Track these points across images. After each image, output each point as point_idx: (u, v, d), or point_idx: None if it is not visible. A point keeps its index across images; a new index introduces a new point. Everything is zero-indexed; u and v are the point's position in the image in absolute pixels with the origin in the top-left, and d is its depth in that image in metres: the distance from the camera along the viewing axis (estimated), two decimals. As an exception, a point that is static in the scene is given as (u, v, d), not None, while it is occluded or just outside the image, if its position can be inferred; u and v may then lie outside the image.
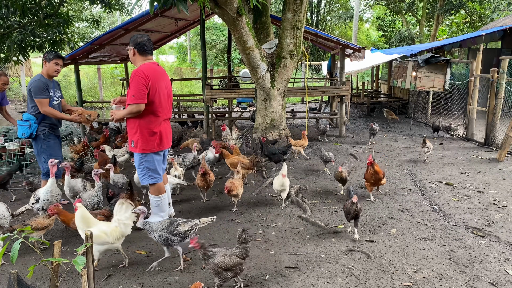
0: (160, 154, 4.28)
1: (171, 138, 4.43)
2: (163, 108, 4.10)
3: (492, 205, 5.15)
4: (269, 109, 8.16)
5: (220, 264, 3.09)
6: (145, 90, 3.84)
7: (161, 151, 4.25)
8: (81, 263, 2.30)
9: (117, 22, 30.98)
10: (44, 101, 4.74)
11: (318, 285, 3.35)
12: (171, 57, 35.92)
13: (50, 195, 4.35)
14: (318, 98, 15.72)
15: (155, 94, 3.94)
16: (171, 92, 4.33)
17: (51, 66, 4.85)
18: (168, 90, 4.23)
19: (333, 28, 33.54)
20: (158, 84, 3.98)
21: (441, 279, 3.41)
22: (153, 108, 3.97)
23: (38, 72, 4.98)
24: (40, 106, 4.75)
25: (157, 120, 4.05)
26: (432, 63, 9.87)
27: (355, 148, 8.66)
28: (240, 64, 27.38)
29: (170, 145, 4.47)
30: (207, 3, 5.33)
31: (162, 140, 4.15)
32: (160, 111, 4.05)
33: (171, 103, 4.33)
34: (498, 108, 8.19)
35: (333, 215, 4.91)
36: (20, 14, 7.69)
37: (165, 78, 4.20)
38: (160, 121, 4.09)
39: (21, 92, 20.47)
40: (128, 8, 20.74)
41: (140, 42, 4.01)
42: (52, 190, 4.36)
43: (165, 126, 4.22)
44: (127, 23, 9.55)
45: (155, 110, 3.99)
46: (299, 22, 7.71)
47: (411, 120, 12.21)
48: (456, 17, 26.77)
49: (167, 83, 4.24)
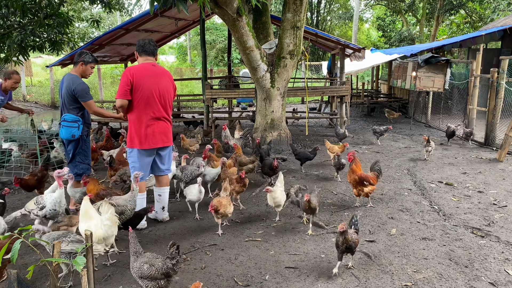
0: (147, 153, 4.28)
1: (163, 138, 4.34)
2: (151, 106, 4.16)
3: (492, 205, 5.15)
4: (269, 109, 8.16)
5: (135, 270, 2.96)
6: (126, 87, 4.07)
7: (146, 149, 4.24)
8: (81, 263, 2.30)
9: (117, 22, 30.99)
10: (92, 102, 4.76)
11: (318, 285, 3.35)
12: (171, 57, 35.95)
13: (58, 206, 4.13)
14: (318, 98, 15.72)
15: (137, 91, 4.09)
16: (166, 91, 4.29)
17: (87, 69, 4.83)
18: (162, 89, 4.21)
19: (333, 28, 33.54)
20: (144, 83, 4.08)
21: (441, 279, 3.41)
22: (138, 105, 4.13)
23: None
24: (90, 108, 4.74)
25: (142, 118, 4.14)
26: (432, 63, 9.87)
27: (355, 148, 8.66)
28: (240, 64, 27.38)
29: (161, 145, 4.37)
30: (207, 3, 5.33)
31: (147, 138, 4.18)
32: (147, 109, 4.14)
33: (166, 102, 4.30)
34: (498, 108, 8.19)
35: (333, 215, 4.90)
36: (20, 14, 7.69)
37: (159, 78, 4.21)
38: (147, 119, 4.15)
39: (21, 92, 20.46)
40: (128, 8, 20.72)
41: (140, 44, 4.25)
42: (61, 201, 4.15)
43: (155, 124, 4.22)
44: (127, 23, 9.55)
45: (141, 107, 4.13)
46: (299, 22, 7.72)
47: (411, 120, 12.21)
48: (456, 17, 26.77)
49: (163, 83, 4.23)
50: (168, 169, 4.65)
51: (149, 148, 4.29)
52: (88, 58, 4.82)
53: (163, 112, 4.28)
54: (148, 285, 2.92)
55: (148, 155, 4.35)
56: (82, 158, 4.93)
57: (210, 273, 3.57)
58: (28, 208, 4.19)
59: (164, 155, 4.52)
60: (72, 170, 4.94)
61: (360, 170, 5.08)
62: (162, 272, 2.90)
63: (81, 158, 4.93)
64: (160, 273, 2.90)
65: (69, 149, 4.92)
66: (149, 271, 2.89)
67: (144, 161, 4.34)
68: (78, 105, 4.73)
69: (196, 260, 3.81)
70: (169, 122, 4.45)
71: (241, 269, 3.62)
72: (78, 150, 4.90)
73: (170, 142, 4.51)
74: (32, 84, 22.55)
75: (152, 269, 2.90)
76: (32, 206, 4.18)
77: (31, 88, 21.74)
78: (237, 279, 3.43)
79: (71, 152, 4.92)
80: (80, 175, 4.96)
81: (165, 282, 2.95)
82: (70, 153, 4.94)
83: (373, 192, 5.23)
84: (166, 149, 4.54)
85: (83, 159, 4.94)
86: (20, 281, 2.60)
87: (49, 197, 4.18)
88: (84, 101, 4.69)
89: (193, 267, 3.68)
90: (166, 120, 4.37)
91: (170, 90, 4.35)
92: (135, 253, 3.02)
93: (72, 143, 4.87)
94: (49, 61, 22.91)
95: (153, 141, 4.27)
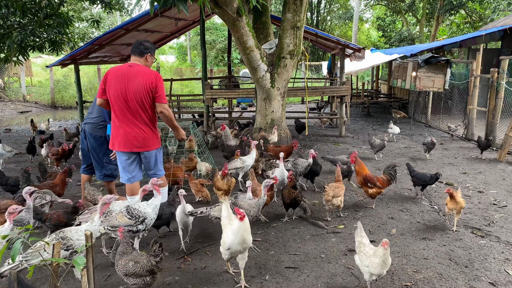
0: (122, 154, 4.10)
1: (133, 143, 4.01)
2: (119, 108, 3.95)
3: (492, 205, 5.15)
4: (269, 109, 8.16)
5: (120, 268, 2.96)
6: (101, 86, 4.05)
7: (119, 151, 4.10)
8: (81, 263, 2.30)
9: (117, 22, 30.99)
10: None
11: (318, 285, 3.35)
12: (171, 57, 35.95)
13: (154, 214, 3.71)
14: (318, 98, 15.73)
15: (108, 92, 4.01)
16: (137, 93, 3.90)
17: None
18: (130, 91, 3.89)
19: (333, 28, 33.55)
20: (112, 84, 3.95)
21: (441, 279, 3.41)
22: (112, 107, 4.04)
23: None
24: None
25: (114, 119, 4.05)
26: (432, 63, 9.87)
27: (355, 148, 8.66)
28: (240, 64, 27.39)
29: (130, 150, 4.05)
30: (207, 3, 5.33)
31: (117, 140, 4.04)
32: (116, 111, 3.99)
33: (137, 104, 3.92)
34: (498, 108, 8.19)
35: (333, 215, 4.90)
36: (20, 14, 7.70)
37: (130, 79, 3.92)
38: (116, 121, 4.02)
39: (21, 92, 20.47)
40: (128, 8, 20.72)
41: (132, 45, 4.19)
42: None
43: (124, 127, 3.98)
44: (127, 23, 9.55)
45: (113, 109, 4.03)
46: (299, 22, 7.71)
47: (411, 120, 12.21)
48: (456, 17, 26.77)
49: (133, 84, 3.90)
50: (155, 173, 4.27)
51: (120, 151, 4.07)
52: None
53: (132, 115, 3.96)
54: (134, 282, 2.94)
55: (126, 157, 4.10)
56: (109, 159, 4.83)
57: (210, 273, 3.57)
58: (115, 224, 3.52)
59: (146, 161, 4.19)
60: (100, 172, 4.93)
61: (365, 170, 5.05)
62: (147, 269, 2.94)
63: (108, 159, 4.86)
64: (145, 270, 2.93)
65: (97, 149, 4.85)
66: (134, 268, 2.91)
67: (124, 162, 4.13)
68: None
69: (196, 260, 3.81)
70: (144, 126, 4.01)
71: (241, 269, 3.63)
72: (107, 151, 4.81)
73: (145, 147, 4.08)
74: (32, 84, 22.56)
75: (137, 266, 2.92)
76: (125, 221, 3.51)
77: (31, 88, 21.75)
78: (237, 279, 3.43)
79: (99, 152, 4.85)
80: (108, 175, 4.95)
81: (150, 279, 2.98)
82: (97, 152, 4.87)
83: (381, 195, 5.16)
84: (147, 155, 4.14)
85: (110, 159, 4.83)
86: (20, 281, 2.60)
87: (147, 207, 3.61)
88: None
89: (193, 267, 3.68)
90: (138, 124, 3.99)
91: (142, 92, 3.90)
92: (122, 252, 3.03)
93: (98, 144, 4.82)
94: (49, 61, 22.91)
95: (123, 145, 4.02)
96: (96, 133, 4.82)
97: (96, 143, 4.85)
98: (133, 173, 4.19)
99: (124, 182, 4.24)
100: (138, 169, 4.25)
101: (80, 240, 3.08)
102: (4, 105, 18.79)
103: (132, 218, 3.52)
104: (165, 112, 4.07)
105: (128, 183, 4.21)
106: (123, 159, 4.13)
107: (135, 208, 3.57)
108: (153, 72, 4.05)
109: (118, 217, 3.54)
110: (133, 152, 4.10)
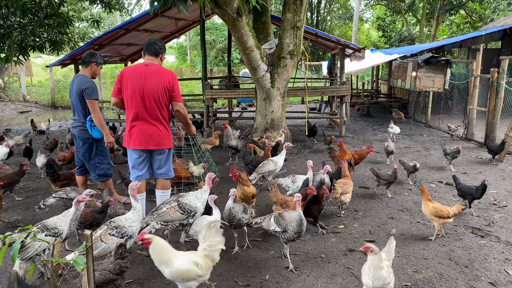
0: (134, 152, 4.17)
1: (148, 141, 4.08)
2: (135, 106, 4.02)
3: (492, 205, 5.15)
4: (269, 109, 8.16)
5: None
6: (116, 86, 4.12)
7: (133, 149, 4.16)
8: (81, 263, 2.30)
9: (117, 22, 31.00)
10: (97, 102, 4.72)
11: (318, 285, 3.35)
12: (171, 57, 35.93)
13: None
14: (318, 98, 15.73)
15: (124, 91, 4.08)
16: (154, 92, 3.99)
17: (97, 70, 4.88)
18: (147, 89, 3.97)
19: (333, 28, 33.55)
20: (130, 83, 4.02)
21: (441, 279, 3.41)
22: (127, 105, 4.11)
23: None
24: (93, 107, 4.65)
25: (129, 117, 4.12)
26: (432, 63, 9.88)
27: (355, 148, 8.65)
28: (240, 64, 27.38)
29: (145, 148, 4.12)
30: (207, 3, 5.33)
31: (131, 138, 4.12)
32: (132, 109, 4.06)
33: (153, 103, 4.01)
34: (498, 108, 8.19)
35: (333, 215, 4.90)
36: (20, 14, 7.70)
37: (147, 78, 3.99)
38: (131, 119, 4.08)
39: (21, 92, 20.48)
40: (128, 8, 20.74)
41: (145, 44, 4.21)
42: None
43: (139, 125, 4.07)
44: (127, 23, 9.56)
45: (128, 107, 4.10)
46: (299, 22, 7.72)
47: (411, 120, 12.21)
48: (456, 17, 26.76)
49: (150, 83, 3.98)
50: (165, 173, 4.36)
51: (134, 148, 4.14)
52: (100, 60, 4.87)
53: (148, 113, 4.04)
54: None
55: (138, 155, 4.17)
56: (100, 159, 4.93)
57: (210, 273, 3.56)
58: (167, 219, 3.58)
59: (158, 159, 4.28)
60: (94, 173, 4.96)
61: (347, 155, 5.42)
62: (117, 273, 2.95)
63: (99, 159, 4.93)
64: (115, 274, 2.95)
65: (86, 151, 4.89)
66: (103, 276, 2.88)
67: (134, 160, 4.20)
68: None
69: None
70: (159, 124, 4.11)
71: (241, 269, 3.62)
72: (97, 151, 4.90)
73: (160, 145, 4.17)
74: (32, 84, 22.56)
75: (105, 274, 2.89)
76: (177, 216, 3.58)
77: (31, 88, 21.75)
78: (237, 279, 3.43)
79: (88, 153, 4.90)
80: (102, 175, 4.97)
81: (121, 280, 3.00)
82: (86, 155, 4.91)
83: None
84: (160, 152, 4.24)
85: (102, 159, 4.94)
86: (20, 281, 2.60)
87: (197, 201, 3.72)
88: (89, 99, 4.65)
89: (193, 267, 3.68)
90: (154, 122, 4.08)
91: (159, 91, 4.00)
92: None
93: (86, 145, 4.86)
94: (49, 61, 22.93)
95: (138, 142, 4.08)
96: (83, 135, 4.87)
97: (84, 146, 4.90)
98: (141, 172, 4.29)
99: (132, 180, 4.28)
100: (147, 169, 4.33)
101: (132, 226, 3.32)
102: (4, 105, 18.79)
103: (185, 213, 3.62)
104: (181, 111, 4.19)
105: (136, 181, 4.24)
106: (134, 157, 4.22)
107: (186, 203, 3.65)
108: (169, 71, 4.18)
109: (171, 212, 3.60)
110: (144, 151, 4.19)
